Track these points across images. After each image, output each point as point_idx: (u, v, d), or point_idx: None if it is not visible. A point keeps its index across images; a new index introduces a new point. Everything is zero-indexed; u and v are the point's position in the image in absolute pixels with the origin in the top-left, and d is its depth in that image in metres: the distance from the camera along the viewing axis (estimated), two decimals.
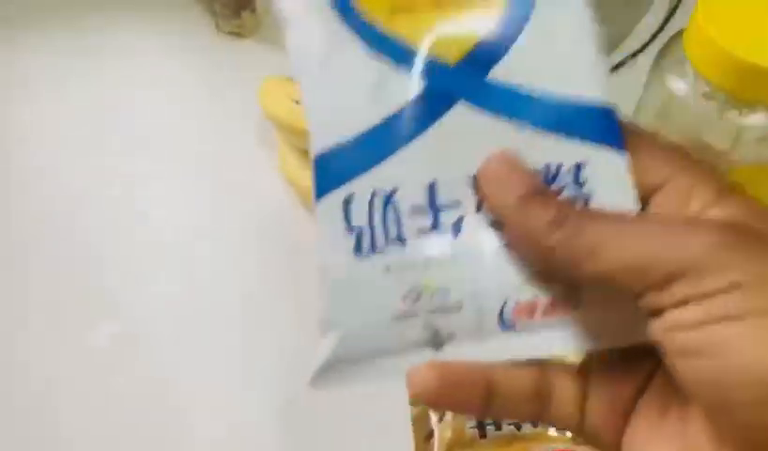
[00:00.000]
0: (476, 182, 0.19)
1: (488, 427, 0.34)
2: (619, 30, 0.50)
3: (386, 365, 0.19)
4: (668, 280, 0.17)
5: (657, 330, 0.18)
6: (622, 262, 0.17)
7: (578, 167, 0.19)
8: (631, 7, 0.48)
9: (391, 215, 0.19)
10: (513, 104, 0.19)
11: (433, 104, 0.19)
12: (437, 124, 0.19)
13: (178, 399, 0.37)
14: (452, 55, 0.19)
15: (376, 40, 0.19)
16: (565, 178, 0.19)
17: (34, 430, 0.36)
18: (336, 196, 0.19)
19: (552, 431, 0.34)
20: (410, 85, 0.19)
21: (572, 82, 0.19)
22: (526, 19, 0.19)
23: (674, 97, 0.33)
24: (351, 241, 0.19)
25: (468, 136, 0.19)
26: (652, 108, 0.35)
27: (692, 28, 0.31)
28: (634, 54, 0.50)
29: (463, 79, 0.19)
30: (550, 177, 0.19)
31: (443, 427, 0.35)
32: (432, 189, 0.19)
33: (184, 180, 0.46)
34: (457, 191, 0.19)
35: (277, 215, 0.44)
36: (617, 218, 0.19)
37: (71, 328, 0.39)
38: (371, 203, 0.19)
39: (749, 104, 0.31)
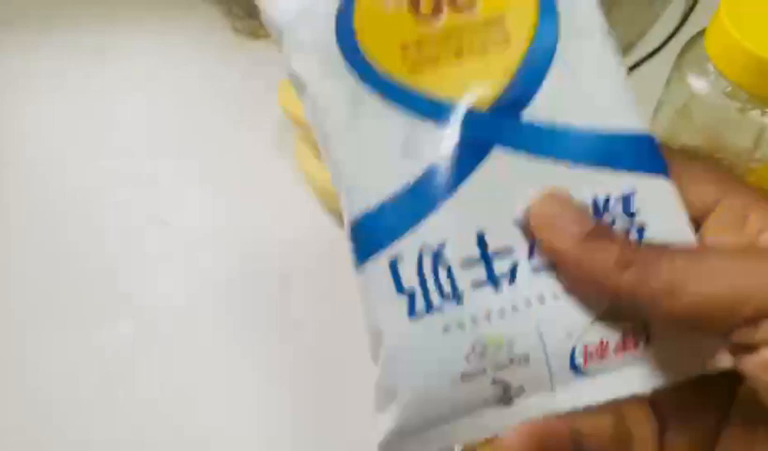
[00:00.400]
0: (526, 226, 0.18)
1: None
2: (638, 29, 0.49)
3: (457, 428, 0.18)
4: (758, 316, 0.17)
5: (751, 366, 0.17)
6: (706, 301, 0.17)
7: (626, 198, 0.19)
8: (650, 6, 0.47)
9: (442, 271, 0.18)
10: (550, 143, 0.19)
11: (469, 153, 0.19)
12: (476, 172, 0.18)
13: (192, 399, 0.37)
14: (482, 102, 0.19)
15: (401, 96, 0.19)
16: (615, 209, 0.19)
17: (46, 429, 0.37)
18: (381, 259, 0.18)
19: None
20: (443, 136, 0.19)
21: (605, 114, 0.19)
22: (551, 54, 0.19)
23: (695, 96, 0.33)
24: (404, 304, 0.18)
25: (509, 180, 0.19)
26: (673, 107, 0.35)
27: (714, 27, 0.31)
28: (653, 53, 0.50)
29: (496, 124, 0.19)
30: (600, 210, 0.19)
31: None
32: (481, 238, 0.18)
33: (201, 180, 0.46)
34: (507, 237, 0.19)
35: (294, 214, 0.44)
36: (690, 255, 0.18)
37: (85, 327, 0.40)
38: (420, 261, 0.18)
39: None
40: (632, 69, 0.50)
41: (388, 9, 0.19)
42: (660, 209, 0.19)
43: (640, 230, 0.19)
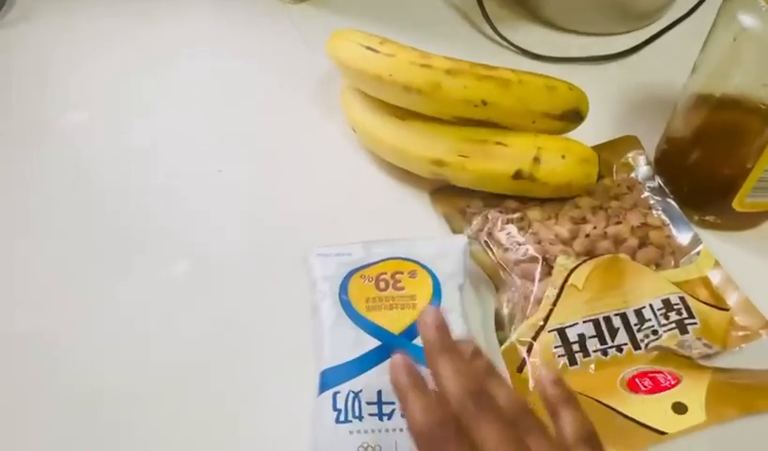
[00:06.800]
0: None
1: (577, 355, 0.36)
2: None
3: None
4: None
5: None
6: None
7: None
8: None
9: (357, 404, 0.34)
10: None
11: (383, 352, 0.36)
12: (384, 362, 0.35)
13: (245, 329, 0.39)
14: (395, 329, 0.37)
15: (358, 320, 0.37)
16: None
17: (122, 348, 0.38)
18: (330, 392, 0.35)
19: (636, 353, 0.35)
20: (373, 342, 0.36)
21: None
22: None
23: (745, 31, 0.34)
24: (334, 415, 0.34)
25: None
26: (722, 46, 0.36)
27: None
28: (691, 11, 0.51)
29: (400, 342, 0.36)
30: None
31: (533, 356, 0.36)
32: (379, 393, 0.34)
33: (252, 132, 0.48)
34: (393, 396, 0.32)
35: (341, 158, 0.46)
36: None
37: (151, 264, 0.41)
38: (347, 397, 0.34)
39: None
40: (672, 26, 0.51)
41: (364, 284, 0.38)
42: None
43: None
